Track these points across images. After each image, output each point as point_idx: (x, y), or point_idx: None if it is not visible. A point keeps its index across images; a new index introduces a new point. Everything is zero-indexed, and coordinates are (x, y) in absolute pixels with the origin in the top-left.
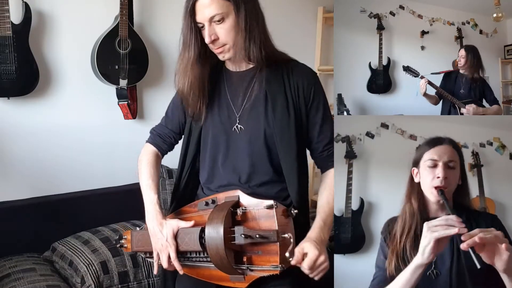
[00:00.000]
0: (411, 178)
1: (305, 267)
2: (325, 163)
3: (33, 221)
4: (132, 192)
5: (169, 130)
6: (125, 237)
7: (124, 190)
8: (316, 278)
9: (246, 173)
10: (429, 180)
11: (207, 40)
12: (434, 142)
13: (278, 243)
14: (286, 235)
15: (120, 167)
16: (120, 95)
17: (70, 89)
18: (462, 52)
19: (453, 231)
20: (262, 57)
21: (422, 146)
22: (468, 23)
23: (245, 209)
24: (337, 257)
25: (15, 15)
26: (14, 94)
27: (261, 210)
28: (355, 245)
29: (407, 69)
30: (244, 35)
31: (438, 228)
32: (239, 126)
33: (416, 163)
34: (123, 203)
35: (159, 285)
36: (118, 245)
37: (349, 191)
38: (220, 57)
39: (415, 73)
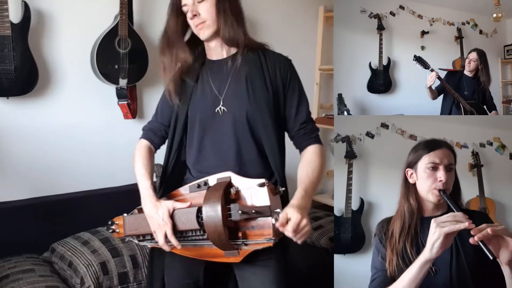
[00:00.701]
0: (405, 179)
1: (289, 229)
2: (302, 141)
3: (32, 222)
4: (132, 192)
5: (159, 123)
6: (117, 222)
7: (124, 190)
8: (299, 242)
9: (233, 152)
10: (430, 182)
11: (189, 15)
12: (433, 145)
13: (270, 217)
14: (277, 210)
15: (120, 167)
16: (119, 94)
17: (70, 89)
18: (474, 55)
19: (463, 225)
20: (244, 40)
21: (420, 149)
22: (468, 23)
23: (238, 188)
24: (337, 257)
25: (14, 15)
26: (13, 94)
27: (253, 188)
28: (355, 245)
29: (418, 59)
30: (232, 18)
31: (447, 223)
32: (222, 108)
33: (411, 165)
34: (123, 203)
35: (146, 274)
36: (110, 231)
37: (349, 191)
38: (201, 34)
39: (425, 65)
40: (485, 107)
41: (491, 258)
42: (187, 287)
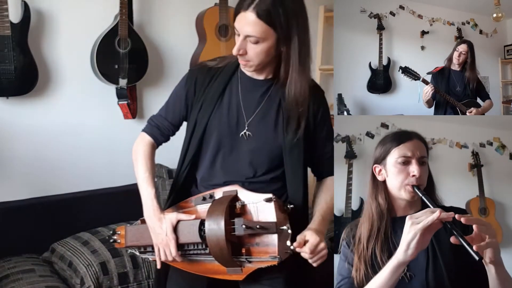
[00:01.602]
0: (373, 177)
1: (306, 251)
2: (323, 171)
3: (32, 222)
4: (132, 192)
5: (169, 123)
6: (119, 232)
7: (124, 190)
8: (315, 264)
9: (244, 178)
10: (402, 178)
11: (234, 51)
12: (402, 137)
13: (277, 234)
14: (284, 227)
15: (120, 167)
16: (119, 94)
17: (70, 89)
18: (464, 47)
19: (435, 215)
20: (308, 91)
21: (388, 142)
22: (468, 23)
23: (244, 203)
24: (337, 257)
25: (14, 14)
26: (13, 94)
27: (259, 204)
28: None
29: (405, 70)
30: (300, 70)
31: (422, 218)
32: (247, 132)
33: (379, 161)
34: (123, 204)
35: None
36: (111, 241)
37: (349, 191)
38: (242, 65)
39: (415, 76)
40: (479, 100)
41: (477, 258)
42: None
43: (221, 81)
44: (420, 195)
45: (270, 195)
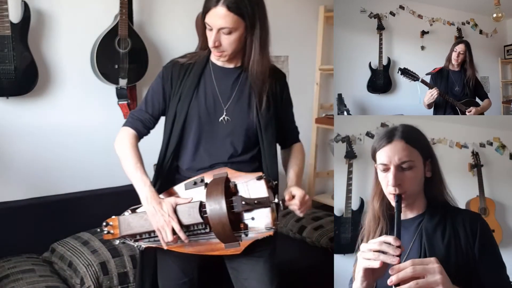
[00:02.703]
0: (376, 175)
1: (296, 203)
2: (289, 140)
3: (32, 222)
4: (132, 192)
5: (149, 115)
6: (111, 223)
7: (123, 190)
8: (301, 214)
9: (227, 157)
10: (384, 185)
11: (210, 44)
12: (384, 138)
13: (270, 207)
14: (275, 201)
15: (120, 167)
16: (119, 94)
17: (70, 89)
18: (462, 47)
19: (377, 264)
20: (267, 72)
21: (375, 141)
22: (468, 23)
23: (235, 182)
24: (337, 257)
25: (14, 14)
26: (13, 94)
27: (251, 182)
28: (355, 245)
29: (404, 72)
30: (261, 52)
31: (370, 254)
32: (226, 117)
33: (375, 161)
34: (123, 203)
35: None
36: (104, 232)
37: (349, 191)
38: (216, 57)
39: (414, 77)
40: (478, 100)
41: None
42: (184, 286)
43: (195, 74)
44: (396, 210)
45: (260, 174)
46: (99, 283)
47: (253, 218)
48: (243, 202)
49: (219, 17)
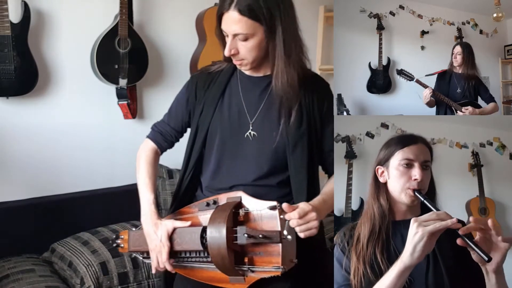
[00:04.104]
0: (375, 178)
1: (295, 214)
2: (330, 170)
3: (32, 222)
4: (132, 193)
5: (171, 128)
6: (122, 236)
7: (123, 190)
8: (302, 235)
9: (252, 178)
10: (403, 181)
11: (226, 53)
12: (407, 140)
13: (280, 244)
14: (288, 237)
15: (120, 167)
16: (119, 94)
17: (70, 89)
18: (459, 48)
19: (450, 222)
20: (298, 79)
21: (393, 144)
22: (468, 23)
23: (247, 210)
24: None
25: (14, 14)
26: (13, 94)
27: (263, 211)
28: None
29: (400, 72)
30: (285, 60)
31: (431, 222)
32: (252, 133)
33: (382, 162)
34: (123, 204)
35: (159, 285)
36: (114, 245)
37: (349, 191)
38: (238, 66)
39: (409, 77)
40: (480, 101)
41: (486, 259)
42: None
43: (220, 83)
44: (422, 199)
45: (274, 203)
46: (99, 283)
47: (260, 253)
48: (246, 235)
49: (233, 22)
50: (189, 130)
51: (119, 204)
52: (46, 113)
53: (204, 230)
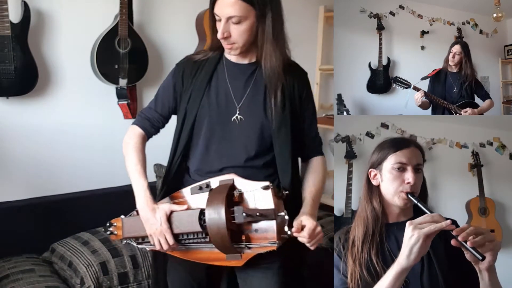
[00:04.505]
0: (368, 181)
1: (305, 235)
2: (309, 152)
3: (32, 222)
4: (132, 193)
5: (159, 114)
6: (115, 224)
7: (124, 190)
8: (312, 248)
9: (240, 160)
10: (396, 184)
11: (219, 35)
12: (400, 144)
13: (275, 220)
14: (282, 213)
15: (120, 167)
16: (119, 94)
17: (70, 89)
18: (458, 48)
19: (444, 224)
20: (282, 64)
21: (385, 147)
22: (468, 23)
23: (241, 191)
24: (338, 257)
25: (14, 14)
26: (13, 94)
27: (257, 191)
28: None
29: (396, 80)
30: (273, 43)
31: (426, 225)
32: (239, 117)
33: (375, 165)
34: (123, 203)
35: (151, 277)
36: (107, 233)
37: (349, 191)
38: (227, 50)
39: (406, 84)
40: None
41: (480, 258)
42: None
43: (207, 70)
44: (415, 201)
45: (267, 183)
46: (99, 283)
47: (256, 230)
48: (244, 214)
49: (228, 5)
50: (174, 117)
51: (119, 204)
52: (46, 113)
53: (201, 212)
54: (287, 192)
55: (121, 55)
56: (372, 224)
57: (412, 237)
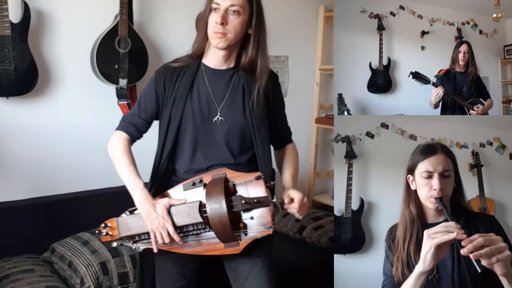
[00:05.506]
0: (407, 185)
1: (296, 206)
2: (282, 141)
3: (32, 222)
4: None
5: (142, 120)
6: (109, 225)
7: (124, 190)
8: (300, 217)
9: (225, 158)
10: (426, 190)
11: (218, 20)
12: (427, 151)
13: (269, 207)
14: (274, 200)
15: None
16: (119, 94)
17: (70, 89)
18: (465, 47)
19: (452, 236)
20: (264, 68)
21: (416, 154)
22: (468, 23)
23: (234, 182)
24: (337, 257)
25: (14, 14)
26: (13, 94)
27: (249, 181)
28: (355, 245)
29: (416, 76)
30: (256, 46)
31: (438, 234)
32: (220, 118)
33: (411, 171)
34: (123, 203)
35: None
36: (103, 234)
37: (349, 191)
38: (216, 42)
39: (425, 80)
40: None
41: (479, 270)
42: None
43: (188, 77)
44: (442, 207)
45: (259, 173)
46: (99, 283)
47: (252, 218)
48: (243, 201)
49: None
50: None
51: (119, 204)
52: (46, 113)
53: (200, 204)
54: (273, 182)
55: (121, 55)
56: (409, 226)
57: (425, 246)
